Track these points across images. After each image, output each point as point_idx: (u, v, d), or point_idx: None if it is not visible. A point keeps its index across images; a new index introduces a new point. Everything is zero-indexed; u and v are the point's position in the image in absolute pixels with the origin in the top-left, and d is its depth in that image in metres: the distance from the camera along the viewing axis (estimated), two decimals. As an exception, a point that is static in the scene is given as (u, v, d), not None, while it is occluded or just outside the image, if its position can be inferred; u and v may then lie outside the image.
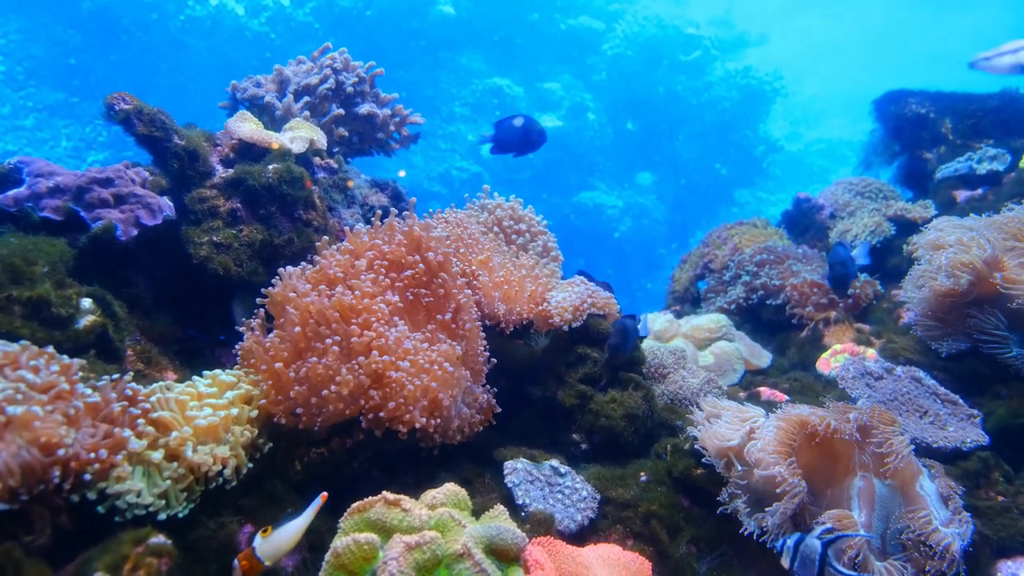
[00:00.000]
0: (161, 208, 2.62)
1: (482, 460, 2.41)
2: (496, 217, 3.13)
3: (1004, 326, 2.76)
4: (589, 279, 3.00)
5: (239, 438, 2.00)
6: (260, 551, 1.64)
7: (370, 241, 2.50)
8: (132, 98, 2.68)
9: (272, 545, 1.65)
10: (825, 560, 1.77)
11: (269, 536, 1.65)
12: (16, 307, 2.05)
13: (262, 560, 1.64)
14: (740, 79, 17.25)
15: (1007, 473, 2.48)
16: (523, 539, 1.72)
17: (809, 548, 1.80)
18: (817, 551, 1.78)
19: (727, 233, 4.84)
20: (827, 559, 1.77)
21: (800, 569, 1.81)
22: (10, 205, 2.44)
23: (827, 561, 1.77)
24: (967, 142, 4.57)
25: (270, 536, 1.65)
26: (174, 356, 2.57)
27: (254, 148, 2.94)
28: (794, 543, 1.83)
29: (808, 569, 1.79)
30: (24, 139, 13.47)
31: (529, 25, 16.81)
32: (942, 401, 2.80)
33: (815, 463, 2.13)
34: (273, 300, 2.34)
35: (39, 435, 1.57)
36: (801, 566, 1.81)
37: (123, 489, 1.71)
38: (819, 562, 1.76)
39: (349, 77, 3.51)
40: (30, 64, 13.84)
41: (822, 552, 1.77)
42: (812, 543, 1.80)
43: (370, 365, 2.09)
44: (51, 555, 1.62)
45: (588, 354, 2.72)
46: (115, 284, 2.50)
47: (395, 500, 1.70)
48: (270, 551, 1.65)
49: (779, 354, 3.77)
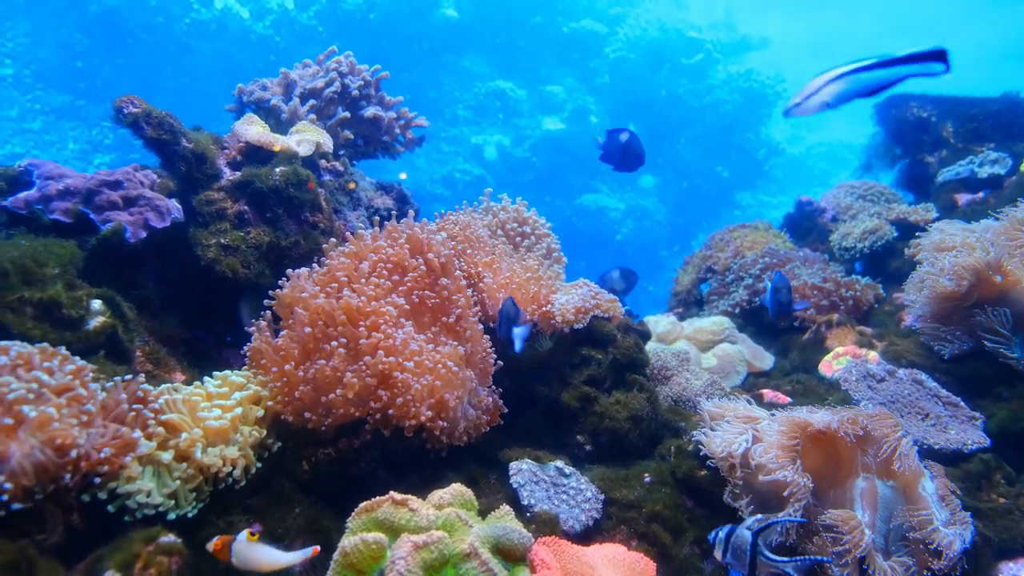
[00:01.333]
0: (169, 210, 2.65)
1: (487, 461, 2.43)
2: (500, 220, 3.15)
3: (1007, 327, 2.78)
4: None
5: (248, 438, 2.02)
6: (235, 548, 1.67)
7: (373, 243, 2.52)
8: (141, 101, 2.71)
9: (247, 554, 1.68)
10: (756, 550, 1.79)
11: (252, 545, 1.68)
12: (28, 308, 2.07)
13: (232, 556, 1.67)
14: (742, 82, 17.24)
15: (1008, 475, 2.49)
16: (529, 539, 1.74)
17: (740, 539, 1.82)
18: (748, 541, 1.80)
19: (729, 236, 4.86)
20: (758, 548, 1.79)
21: (732, 559, 1.84)
22: (20, 207, 2.46)
23: (758, 550, 1.79)
24: (968, 146, 4.59)
25: (253, 545, 1.68)
26: (182, 357, 2.60)
27: (261, 151, 2.96)
28: (725, 534, 1.86)
29: (740, 559, 1.81)
30: (31, 142, 13.51)
31: (532, 28, 16.83)
32: (944, 403, 2.81)
33: (818, 465, 2.14)
34: (281, 301, 2.37)
35: (54, 436, 1.59)
36: (733, 556, 1.83)
37: (133, 489, 1.73)
38: (750, 552, 1.78)
39: (354, 80, 3.54)
40: (37, 67, 13.89)
41: (752, 542, 1.79)
42: (743, 534, 1.82)
43: (377, 366, 2.11)
44: (63, 553, 1.64)
45: (592, 356, 2.74)
46: (124, 285, 2.53)
47: (402, 500, 1.72)
48: (242, 556, 1.67)
49: (781, 356, 3.78)
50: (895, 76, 1.76)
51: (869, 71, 1.76)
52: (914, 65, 1.71)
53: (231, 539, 1.69)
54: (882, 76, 1.76)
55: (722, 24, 21.17)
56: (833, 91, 1.81)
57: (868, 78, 1.77)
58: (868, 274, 4.28)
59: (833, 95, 1.81)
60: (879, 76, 1.77)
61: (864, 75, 1.77)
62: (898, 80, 1.77)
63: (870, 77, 1.77)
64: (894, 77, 1.77)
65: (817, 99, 1.86)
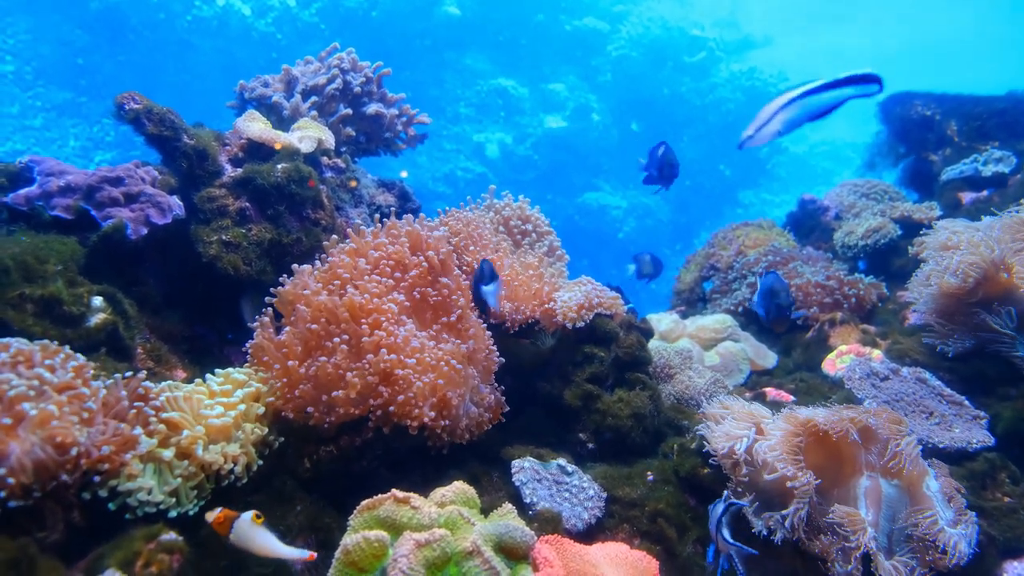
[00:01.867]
0: (171, 207, 2.64)
1: (489, 459, 2.42)
2: (503, 217, 3.14)
3: (1012, 325, 2.77)
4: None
5: (249, 436, 2.02)
6: (237, 525, 1.66)
7: (374, 241, 2.51)
8: (142, 98, 2.70)
9: (247, 534, 1.66)
10: (719, 526, 1.93)
11: (255, 526, 1.66)
12: (29, 305, 2.07)
13: (231, 532, 1.65)
14: (745, 81, 17.24)
15: (1013, 474, 2.48)
16: (532, 537, 1.73)
17: (713, 515, 1.99)
18: (715, 519, 1.97)
19: (732, 234, 4.85)
20: (720, 525, 1.94)
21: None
22: (22, 204, 2.45)
23: (720, 528, 1.93)
24: (973, 144, 4.57)
25: (255, 527, 1.66)
26: (183, 354, 2.59)
27: (263, 147, 2.95)
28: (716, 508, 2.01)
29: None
30: (33, 138, 13.53)
31: (534, 26, 16.82)
32: (948, 402, 2.80)
33: (822, 463, 2.13)
34: (283, 299, 2.36)
35: (54, 434, 1.58)
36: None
37: (134, 487, 1.72)
38: (714, 528, 1.95)
39: (356, 77, 3.52)
40: (38, 64, 13.90)
41: (717, 520, 1.95)
42: (715, 511, 2.00)
43: (378, 364, 2.10)
44: (64, 551, 1.63)
45: (595, 353, 2.73)
46: (125, 282, 2.52)
47: (404, 498, 1.71)
48: (242, 535, 1.66)
49: (785, 355, 3.77)
50: (839, 98, 1.82)
51: (816, 95, 1.79)
52: (855, 86, 1.78)
53: (235, 515, 1.68)
54: (828, 99, 1.81)
55: (725, 22, 21.16)
56: (783, 119, 1.85)
57: (815, 102, 1.81)
58: (872, 272, 4.26)
59: (784, 122, 1.85)
60: (825, 99, 1.82)
61: (812, 99, 1.80)
62: (842, 101, 1.85)
63: (817, 101, 1.81)
64: (839, 99, 1.80)
65: (769, 129, 1.89)
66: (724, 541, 1.92)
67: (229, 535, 1.67)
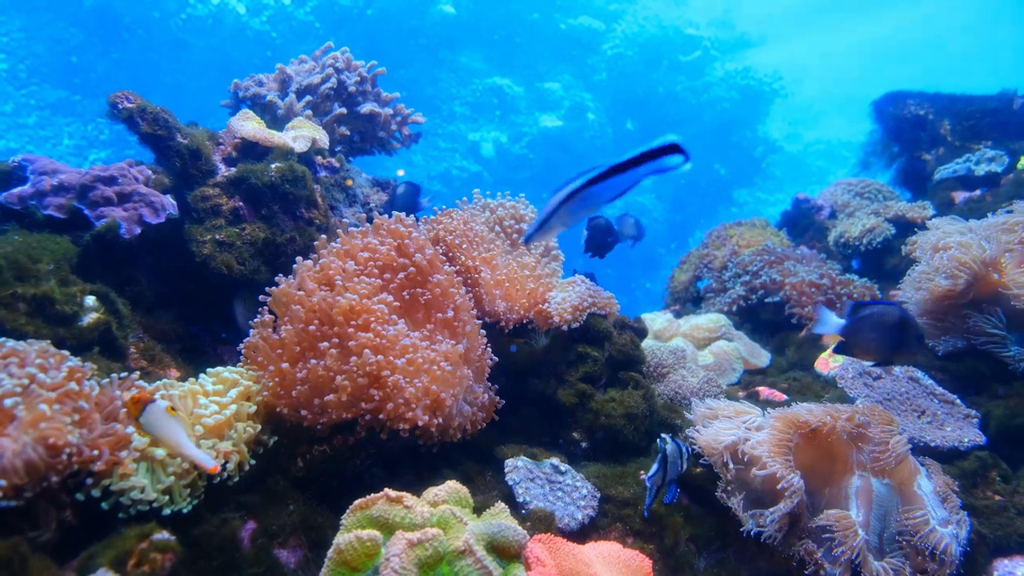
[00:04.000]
0: (164, 206, 2.64)
1: (483, 458, 2.42)
2: (498, 216, 3.14)
3: (1003, 326, 2.78)
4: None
5: (241, 434, 2.02)
6: (150, 409, 1.66)
7: (363, 241, 2.50)
8: (135, 97, 2.69)
9: (158, 421, 1.66)
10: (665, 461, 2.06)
11: (168, 416, 1.66)
12: (21, 304, 2.06)
13: (142, 415, 1.66)
14: (739, 79, 17.28)
15: (1004, 472, 2.49)
16: (524, 536, 1.73)
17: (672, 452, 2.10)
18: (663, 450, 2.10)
19: (726, 233, 4.86)
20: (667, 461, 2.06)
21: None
22: (14, 203, 2.45)
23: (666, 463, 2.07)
24: (965, 143, 4.59)
25: (169, 417, 1.66)
26: (176, 354, 2.59)
27: (257, 147, 2.95)
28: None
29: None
30: (26, 137, 13.48)
31: (529, 25, 16.82)
32: (940, 401, 2.81)
33: (813, 462, 2.14)
34: (277, 299, 2.35)
35: (46, 434, 1.58)
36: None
37: (127, 486, 1.72)
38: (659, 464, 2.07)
39: (351, 76, 3.52)
40: (32, 62, 13.85)
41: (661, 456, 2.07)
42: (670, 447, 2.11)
43: (364, 365, 2.10)
44: (56, 551, 1.63)
45: (588, 353, 2.74)
46: (118, 282, 2.52)
47: (397, 497, 1.72)
48: (151, 421, 1.66)
49: (778, 354, 3.78)
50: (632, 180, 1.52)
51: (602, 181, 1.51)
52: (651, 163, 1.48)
53: (151, 398, 1.66)
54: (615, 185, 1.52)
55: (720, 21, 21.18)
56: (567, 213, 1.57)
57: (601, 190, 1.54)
58: (865, 271, 4.28)
59: (569, 216, 1.57)
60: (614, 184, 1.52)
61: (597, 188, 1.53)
62: (636, 182, 1.52)
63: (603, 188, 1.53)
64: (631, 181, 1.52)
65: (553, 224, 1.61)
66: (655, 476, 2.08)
67: (139, 419, 1.65)
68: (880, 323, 2.37)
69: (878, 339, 2.38)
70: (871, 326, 2.38)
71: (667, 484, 2.11)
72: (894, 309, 2.41)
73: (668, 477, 2.10)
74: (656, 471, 2.08)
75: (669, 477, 2.10)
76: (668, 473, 2.09)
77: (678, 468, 2.11)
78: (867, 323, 2.39)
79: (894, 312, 2.39)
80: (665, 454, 2.08)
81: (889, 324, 2.37)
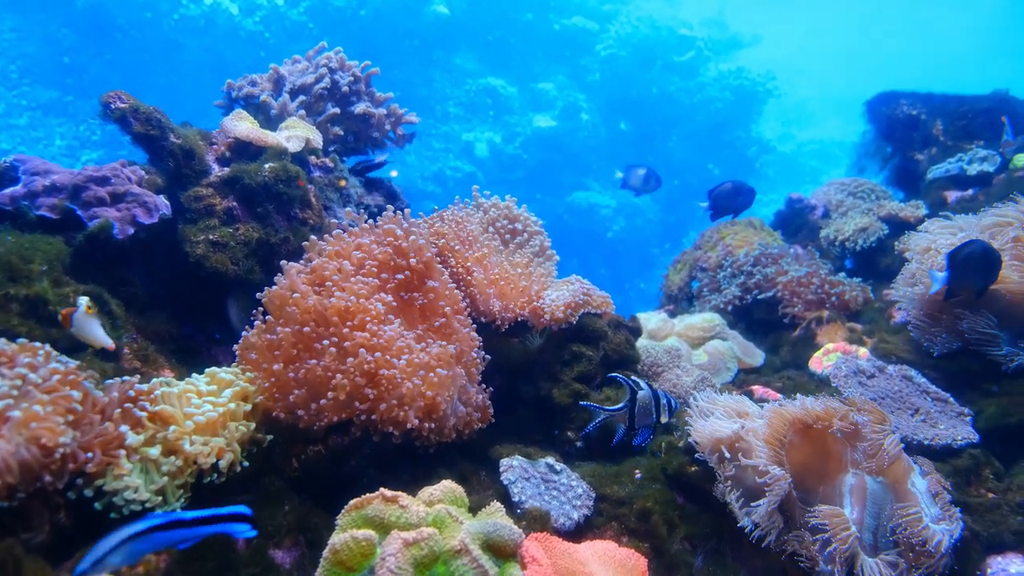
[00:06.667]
0: (157, 207, 2.63)
1: (478, 458, 2.42)
2: (491, 217, 3.14)
3: (994, 325, 2.79)
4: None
5: (234, 434, 2.01)
6: (74, 318, 2.00)
7: (355, 241, 2.50)
8: (128, 97, 2.68)
9: (81, 322, 2.01)
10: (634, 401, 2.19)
11: (87, 316, 2.02)
12: (13, 305, 2.06)
13: (72, 325, 2.01)
14: (733, 80, 17.29)
15: (997, 470, 2.51)
16: (520, 535, 1.73)
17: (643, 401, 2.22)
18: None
19: (720, 233, 4.87)
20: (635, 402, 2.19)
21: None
22: (6, 204, 2.44)
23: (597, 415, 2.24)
24: (958, 143, 4.60)
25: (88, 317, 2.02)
26: (170, 354, 2.58)
27: (250, 147, 2.94)
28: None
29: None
30: (18, 137, 13.41)
31: (523, 25, 16.82)
32: (933, 399, 2.82)
33: (807, 460, 2.15)
34: (271, 300, 2.35)
35: (39, 435, 1.58)
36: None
37: (120, 486, 1.71)
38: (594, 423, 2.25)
39: (344, 76, 3.52)
40: (24, 63, 13.78)
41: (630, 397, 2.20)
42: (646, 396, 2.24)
43: (361, 365, 2.09)
44: (50, 552, 1.63)
45: (583, 352, 2.74)
46: (112, 282, 2.51)
47: (393, 497, 1.71)
48: (79, 325, 2.01)
49: (772, 353, 3.79)
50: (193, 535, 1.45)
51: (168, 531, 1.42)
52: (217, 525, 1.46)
53: (74, 310, 2.00)
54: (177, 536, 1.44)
55: (713, 22, 21.23)
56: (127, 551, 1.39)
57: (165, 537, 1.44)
58: (859, 271, 4.29)
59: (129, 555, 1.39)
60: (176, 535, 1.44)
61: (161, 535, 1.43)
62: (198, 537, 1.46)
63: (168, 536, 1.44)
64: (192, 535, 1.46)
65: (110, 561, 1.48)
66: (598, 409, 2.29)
67: (71, 328, 2.01)
68: (972, 262, 2.69)
69: (979, 274, 2.70)
70: (973, 269, 2.70)
71: (637, 428, 2.19)
72: (976, 244, 2.69)
73: (638, 422, 2.18)
74: (622, 407, 2.18)
75: (640, 422, 2.18)
76: (638, 417, 2.17)
77: (652, 416, 2.15)
78: (967, 267, 2.71)
79: (978, 246, 2.68)
80: (634, 394, 2.15)
81: (979, 258, 2.68)
